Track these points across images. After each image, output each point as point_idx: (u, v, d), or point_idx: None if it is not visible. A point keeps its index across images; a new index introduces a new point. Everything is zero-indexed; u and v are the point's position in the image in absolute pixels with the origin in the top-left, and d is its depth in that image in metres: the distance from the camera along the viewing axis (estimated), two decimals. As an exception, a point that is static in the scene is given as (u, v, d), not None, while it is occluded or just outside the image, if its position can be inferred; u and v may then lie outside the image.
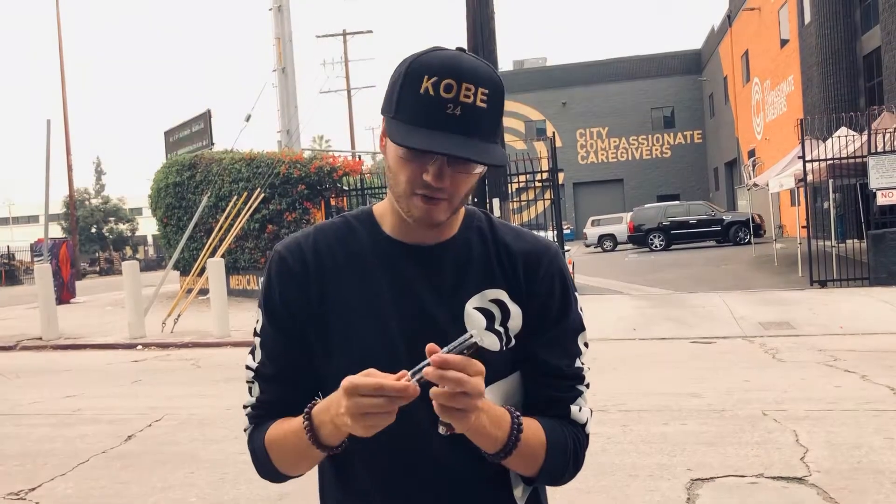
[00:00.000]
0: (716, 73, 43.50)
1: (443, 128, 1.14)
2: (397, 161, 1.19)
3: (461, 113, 1.14)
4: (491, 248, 1.31)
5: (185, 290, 14.14)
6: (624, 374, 7.74)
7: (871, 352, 8.04)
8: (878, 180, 12.77)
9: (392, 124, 1.17)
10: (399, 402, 1.03)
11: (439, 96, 1.14)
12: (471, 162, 1.17)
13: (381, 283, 1.26)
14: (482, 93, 1.16)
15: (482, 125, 1.17)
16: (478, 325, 1.25)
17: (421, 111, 1.15)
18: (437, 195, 1.18)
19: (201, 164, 18.87)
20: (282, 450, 1.25)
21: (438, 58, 1.16)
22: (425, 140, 1.13)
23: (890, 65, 19.88)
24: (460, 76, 1.15)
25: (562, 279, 1.32)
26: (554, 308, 1.30)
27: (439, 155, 1.15)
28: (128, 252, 56.76)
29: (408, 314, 1.24)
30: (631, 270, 20.54)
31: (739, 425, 5.54)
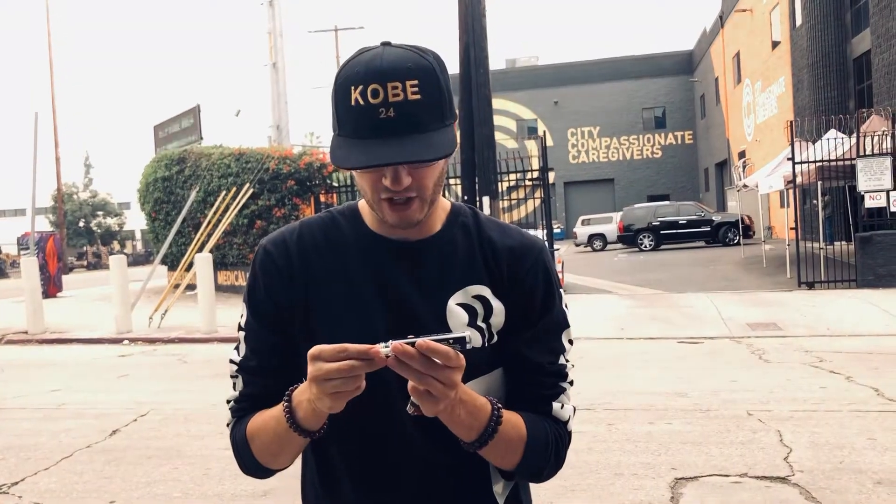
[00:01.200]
0: (707, 74, 43.64)
1: (380, 134, 1.13)
2: (357, 172, 1.20)
3: (395, 114, 1.13)
4: (475, 244, 1.30)
5: (172, 286, 14.08)
6: (611, 372, 7.75)
7: (857, 353, 8.08)
8: (867, 183, 12.83)
9: (336, 143, 1.18)
10: (365, 367, 1.02)
11: (368, 104, 1.13)
12: (413, 163, 1.15)
13: (364, 278, 1.25)
14: (411, 86, 1.13)
15: (421, 118, 1.14)
16: (460, 321, 1.25)
17: (357, 124, 1.14)
18: (405, 195, 1.17)
19: (190, 159, 18.80)
20: (262, 438, 1.23)
21: (361, 63, 1.15)
22: (362, 156, 1.13)
23: (880, 68, 19.99)
24: (383, 77, 1.13)
25: (546, 275, 1.31)
26: (537, 304, 1.29)
27: (378, 163, 1.14)
28: (115, 246, 56.51)
29: (391, 310, 1.24)
30: (620, 270, 20.58)
31: (724, 425, 5.56)
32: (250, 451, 1.25)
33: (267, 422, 1.21)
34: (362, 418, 1.24)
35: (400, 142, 1.12)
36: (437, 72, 1.17)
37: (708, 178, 45.18)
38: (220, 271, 17.52)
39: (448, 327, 1.24)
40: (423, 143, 1.14)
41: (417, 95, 1.14)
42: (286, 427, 1.16)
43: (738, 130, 36.42)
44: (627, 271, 19.91)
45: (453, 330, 1.23)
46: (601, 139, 48.68)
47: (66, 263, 37.08)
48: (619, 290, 15.31)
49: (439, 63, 1.19)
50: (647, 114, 48.43)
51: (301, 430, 1.15)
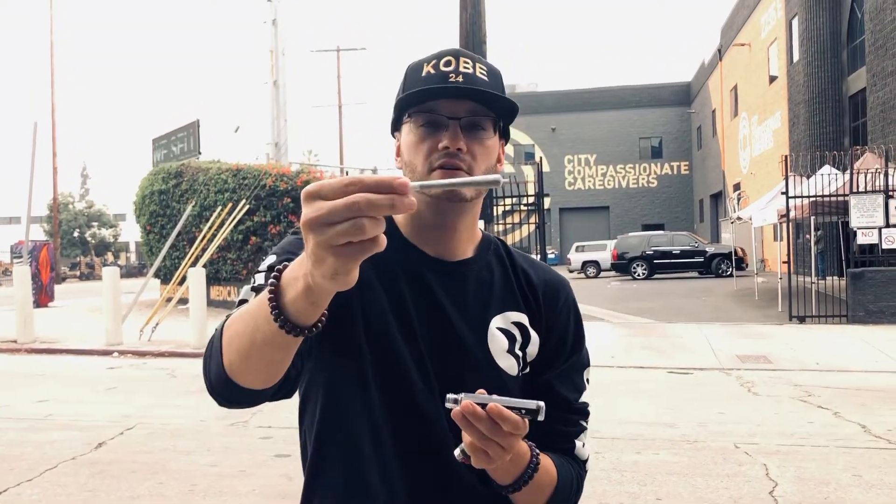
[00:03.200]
0: (704, 106, 43.97)
1: (447, 91, 1.19)
2: (413, 146, 1.20)
3: (463, 79, 1.20)
4: (510, 273, 1.30)
5: (164, 299, 14.05)
6: (599, 401, 7.75)
7: (845, 389, 8.10)
8: (859, 219, 12.91)
9: (401, 104, 1.22)
10: (385, 207, 0.74)
11: (440, 71, 1.21)
12: (485, 98, 1.19)
13: (406, 292, 1.21)
14: (480, 67, 1.23)
15: (486, 92, 1.20)
16: (500, 346, 1.24)
17: (424, 85, 1.20)
18: (457, 163, 1.17)
19: (187, 173, 18.84)
20: (237, 326, 0.95)
21: (435, 52, 1.25)
22: (428, 93, 1.18)
23: (874, 106, 20.18)
24: (457, 53, 1.23)
25: (576, 313, 1.34)
26: (569, 341, 1.31)
27: (461, 110, 1.18)
28: (109, 258, 56.40)
29: (435, 329, 1.20)
30: (613, 298, 20.61)
31: (711, 457, 5.56)
32: (220, 346, 0.98)
33: (249, 308, 0.94)
34: (407, 454, 1.17)
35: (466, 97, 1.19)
36: (502, 78, 1.28)
37: (703, 209, 45.38)
38: (213, 286, 17.49)
39: (490, 353, 1.22)
40: (488, 95, 1.19)
41: (485, 77, 1.23)
42: (267, 314, 0.86)
43: (734, 163, 36.64)
44: (620, 299, 19.93)
45: (495, 357, 1.23)
46: (597, 167, 48.90)
47: (58, 273, 36.97)
48: (611, 317, 15.33)
49: (502, 76, 1.29)
50: (643, 143, 48.70)
51: (285, 321, 0.86)
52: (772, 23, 29.65)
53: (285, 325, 0.86)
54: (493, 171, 1.23)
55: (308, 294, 0.83)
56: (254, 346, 0.92)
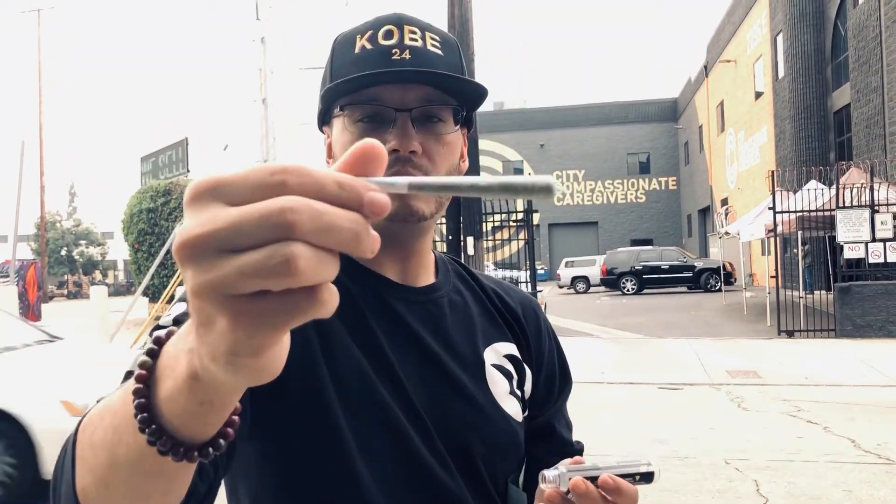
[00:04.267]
0: (691, 122, 44.26)
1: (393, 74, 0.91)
2: (348, 144, 0.90)
3: (411, 56, 0.91)
4: (483, 297, 1.08)
5: (153, 318, 13.98)
6: (590, 418, 7.74)
7: (835, 403, 8.12)
8: (846, 234, 13.00)
9: (330, 94, 0.94)
10: (334, 233, 0.40)
11: (378, 46, 0.92)
12: (441, 82, 0.92)
13: (375, 327, 0.94)
14: (431, 38, 0.94)
15: (440, 70, 0.93)
16: (503, 389, 1.00)
17: (360, 68, 0.91)
18: (410, 170, 0.90)
19: (176, 192, 18.81)
20: (95, 434, 0.57)
21: (368, 21, 0.96)
22: (363, 78, 0.90)
23: (859, 121, 20.37)
24: (400, 21, 0.93)
25: (555, 334, 1.15)
26: (557, 369, 1.13)
27: (412, 99, 0.91)
28: (97, 276, 56.09)
29: (424, 373, 0.95)
30: (602, 313, 20.63)
31: (702, 473, 5.56)
32: (72, 459, 0.59)
33: (111, 401, 0.57)
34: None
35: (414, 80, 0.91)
36: (458, 47, 0.99)
37: (691, 224, 45.58)
38: (202, 304, 17.40)
39: (493, 398, 0.99)
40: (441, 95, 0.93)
41: (438, 50, 0.94)
42: (131, 419, 0.51)
43: (721, 178, 36.86)
44: (610, 314, 19.95)
45: (500, 401, 0.99)
46: (586, 182, 49.09)
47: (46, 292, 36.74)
48: (601, 333, 15.34)
49: (458, 44, 1.01)
50: (631, 159, 48.96)
51: (159, 434, 0.50)
52: (757, 39, 29.94)
53: (158, 440, 0.50)
54: (455, 171, 0.96)
55: (194, 387, 0.47)
56: (116, 468, 0.54)
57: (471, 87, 0.93)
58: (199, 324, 0.42)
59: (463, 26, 11.17)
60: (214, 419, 0.50)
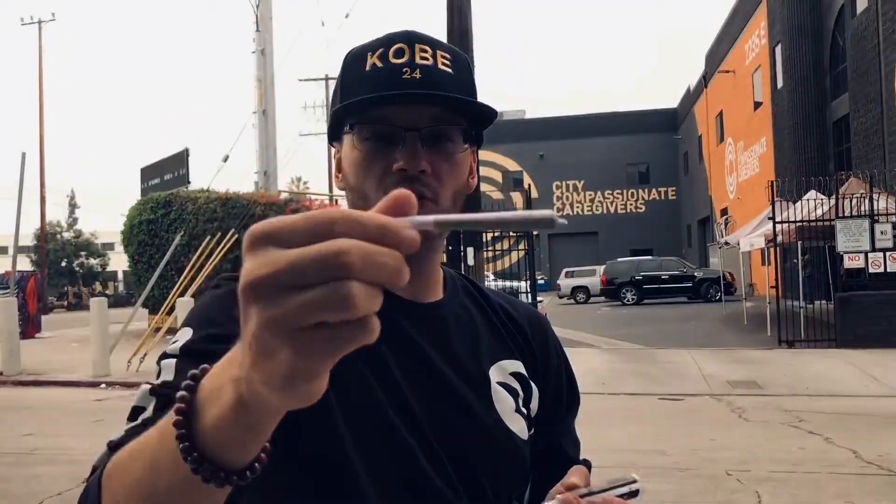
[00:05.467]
0: (691, 132, 44.33)
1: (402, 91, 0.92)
2: (358, 166, 0.93)
3: (422, 76, 0.91)
4: (489, 313, 1.06)
5: (153, 329, 13.96)
6: (590, 429, 7.70)
7: (836, 414, 8.10)
8: (845, 244, 13.00)
9: (340, 113, 0.95)
10: (382, 271, 0.45)
11: (389, 64, 0.92)
12: (451, 103, 0.91)
13: (381, 344, 0.83)
14: (442, 56, 0.94)
15: (451, 91, 0.93)
16: (509, 406, 0.99)
17: (371, 87, 0.92)
18: (418, 189, 0.89)
19: (176, 203, 18.80)
20: (126, 473, 0.61)
21: (379, 37, 0.97)
22: (381, 99, 0.90)
23: (858, 131, 20.41)
24: (411, 39, 0.93)
25: (563, 351, 1.14)
26: (564, 388, 1.12)
27: (422, 119, 0.90)
28: (97, 287, 56.03)
29: (427, 389, 0.93)
30: (602, 324, 20.61)
31: (703, 485, 5.54)
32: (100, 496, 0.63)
33: (147, 438, 0.60)
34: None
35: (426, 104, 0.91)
36: (469, 65, 0.99)
37: (690, 234, 45.59)
38: (202, 316, 17.38)
39: (499, 417, 0.97)
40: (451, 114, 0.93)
41: (448, 69, 0.94)
42: (172, 449, 0.54)
43: (721, 188, 36.89)
44: (610, 325, 19.94)
45: (505, 420, 0.98)
46: (585, 193, 49.15)
47: (46, 303, 36.72)
48: (601, 343, 15.32)
49: (469, 61, 1.01)
50: (631, 169, 49.02)
51: (202, 461, 0.54)
52: (756, 50, 30.03)
53: (201, 467, 0.53)
54: (464, 189, 0.97)
55: (241, 413, 0.51)
56: (153, 502, 0.58)
57: (479, 107, 0.93)
58: (258, 353, 0.46)
59: (463, 38, 11.20)
60: (254, 445, 0.55)
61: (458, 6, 11.26)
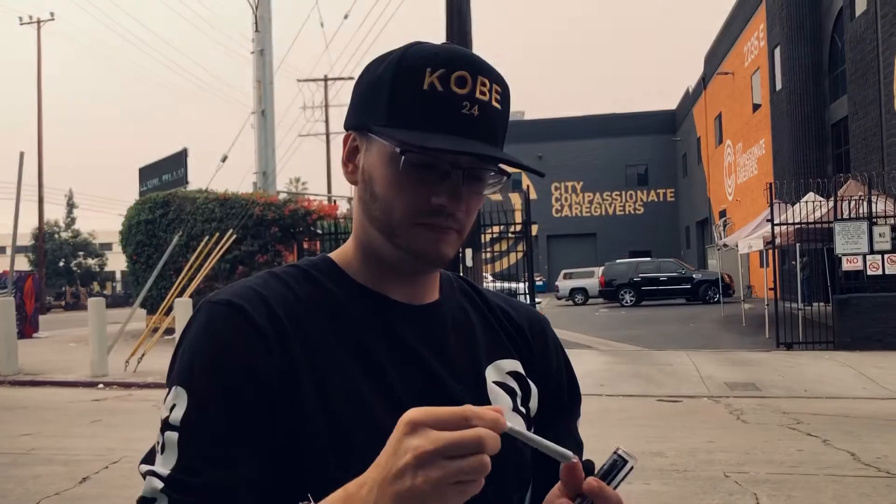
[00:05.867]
0: (689, 134, 44.36)
1: (461, 132, 0.89)
2: (393, 184, 0.91)
3: (479, 114, 0.90)
4: (488, 313, 1.07)
5: (150, 329, 13.96)
6: (589, 430, 7.69)
7: (834, 416, 8.11)
8: (844, 246, 13.01)
9: (387, 134, 0.90)
10: (494, 447, 0.68)
11: (451, 92, 0.89)
12: (510, 167, 0.93)
13: (376, 348, 0.93)
14: (496, 90, 0.92)
15: (499, 131, 0.94)
16: (503, 405, 0.99)
17: (429, 112, 0.89)
18: (448, 223, 0.91)
19: (174, 203, 18.81)
20: None
21: (436, 48, 0.92)
22: (445, 142, 0.87)
23: (857, 134, 20.43)
24: (473, 67, 0.90)
25: (564, 352, 1.13)
26: (565, 387, 1.11)
27: (465, 157, 0.89)
28: (95, 287, 56.01)
29: (422, 390, 0.93)
30: (601, 325, 20.62)
31: (701, 486, 5.54)
32: None
33: None
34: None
35: (484, 147, 0.90)
36: (510, 96, 0.97)
37: (689, 236, 45.62)
38: (200, 316, 17.36)
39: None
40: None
41: (499, 106, 0.93)
42: None
43: (719, 190, 36.92)
44: (608, 326, 19.94)
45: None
46: (584, 194, 49.17)
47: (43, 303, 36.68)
48: (599, 345, 15.32)
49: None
50: (630, 170, 49.05)
51: None
52: (755, 52, 30.06)
53: None
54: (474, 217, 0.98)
55: None
56: None
57: (519, 165, 0.93)
58: (413, 497, 0.66)
59: (462, 40, 11.20)
60: None
61: (458, 7, 11.26)
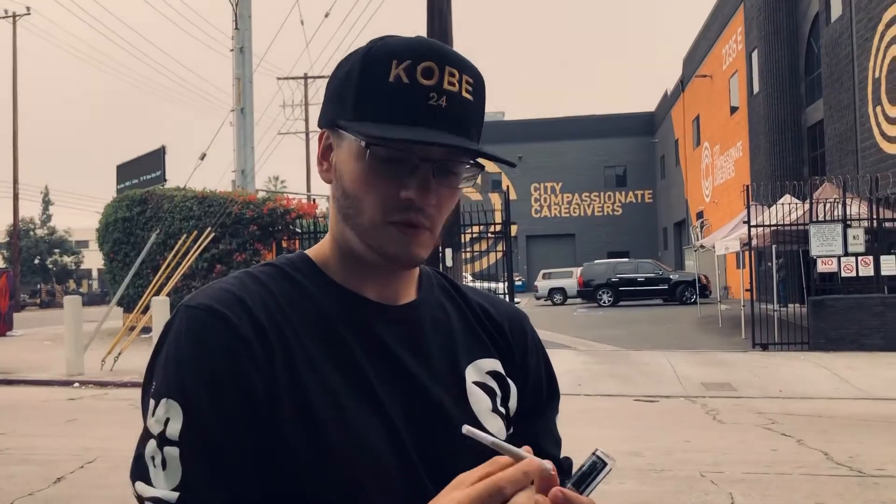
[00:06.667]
0: (668, 136, 44.66)
1: (428, 123, 0.87)
2: (361, 180, 0.90)
3: (448, 104, 0.88)
4: (466, 312, 1.05)
5: (127, 328, 13.85)
6: (566, 430, 7.69)
7: (808, 416, 8.20)
8: (819, 248, 13.16)
9: (352, 128, 0.89)
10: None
11: (417, 83, 0.87)
12: (478, 158, 0.90)
13: (354, 349, 0.92)
14: (467, 81, 0.90)
15: (472, 123, 0.91)
16: (484, 406, 0.98)
17: (395, 104, 0.87)
18: (418, 220, 0.89)
19: (152, 201, 18.66)
20: None
21: (404, 41, 0.90)
22: (409, 133, 0.86)
23: (832, 137, 20.67)
24: (441, 58, 0.88)
25: (543, 349, 1.12)
26: (544, 385, 1.10)
27: (433, 146, 0.87)
28: (71, 285, 55.43)
29: (401, 391, 0.92)
30: (579, 325, 20.71)
31: (677, 486, 5.59)
32: None
33: None
34: None
35: (451, 138, 0.87)
36: (485, 89, 0.95)
37: (666, 237, 45.93)
38: (177, 315, 17.24)
39: (475, 417, 0.96)
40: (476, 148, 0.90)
41: (470, 97, 0.91)
42: None
43: (697, 191, 37.20)
44: (586, 326, 20.03)
45: (482, 420, 0.97)
46: (563, 195, 49.36)
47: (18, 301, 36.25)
48: (577, 345, 15.39)
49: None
50: (608, 172, 49.30)
51: None
52: (732, 55, 30.32)
53: None
54: (450, 214, 0.97)
55: None
56: None
57: (492, 157, 0.91)
58: None
59: (443, 39, 11.20)
60: None
61: (439, 7, 11.27)
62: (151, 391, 0.87)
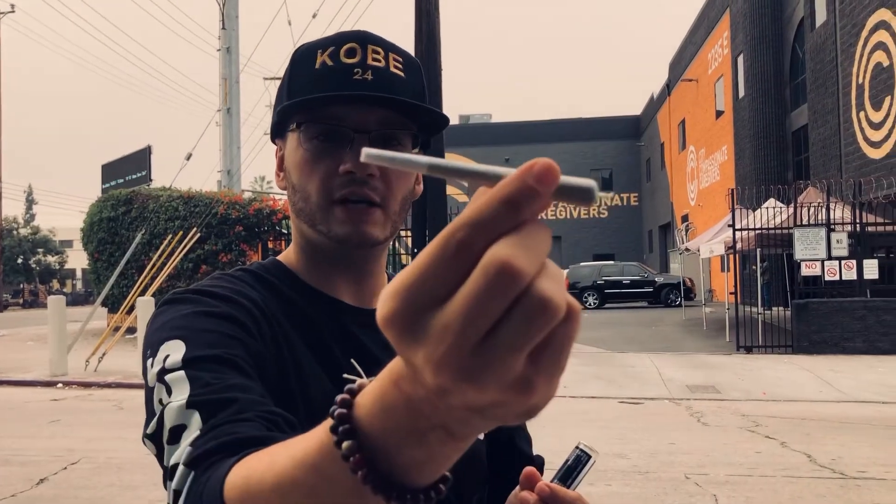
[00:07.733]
0: (654, 139, 44.87)
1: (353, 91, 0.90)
2: (302, 166, 0.91)
3: (374, 78, 0.90)
4: None
5: (112, 328, 13.76)
6: (551, 431, 7.75)
7: (791, 419, 8.26)
8: (803, 252, 13.26)
9: (286, 111, 0.92)
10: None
11: (340, 63, 0.90)
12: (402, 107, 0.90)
13: (335, 352, 0.92)
14: (395, 58, 0.92)
15: (405, 96, 0.91)
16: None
17: (321, 86, 0.90)
18: (365, 193, 0.89)
19: (137, 201, 18.56)
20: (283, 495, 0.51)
21: (329, 35, 0.94)
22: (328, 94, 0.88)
23: (816, 142, 20.83)
24: (363, 39, 0.91)
25: None
26: None
27: (372, 120, 0.89)
28: (55, 285, 55.03)
29: None
30: (565, 327, 20.72)
31: (662, 487, 5.62)
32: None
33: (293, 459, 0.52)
34: None
35: (373, 100, 0.89)
36: (421, 70, 0.97)
37: (652, 240, 46.13)
38: (162, 315, 17.16)
39: None
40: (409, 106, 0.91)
41: (401, 73, 0.92)
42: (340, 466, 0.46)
43: (682, 195, 37.38)
44: (572, 329, 20.04)
45: None
46: (550, 197, 49.52)
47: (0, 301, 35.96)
48: (563, 347, 15.41)
49: (421, 66, 0.99)
50: (594, 174, 49.39)
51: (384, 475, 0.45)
52: (718, 59, 30.50)
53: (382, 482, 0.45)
54: (410, 195, 0.96)
55: (455, 448, 0.46)
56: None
57: (431, 113, 0.92)
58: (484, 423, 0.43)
59: (431, 41, 11.23)
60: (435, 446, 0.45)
61: (427, 9, 11.27)
62: (148, 354, 0.83)
